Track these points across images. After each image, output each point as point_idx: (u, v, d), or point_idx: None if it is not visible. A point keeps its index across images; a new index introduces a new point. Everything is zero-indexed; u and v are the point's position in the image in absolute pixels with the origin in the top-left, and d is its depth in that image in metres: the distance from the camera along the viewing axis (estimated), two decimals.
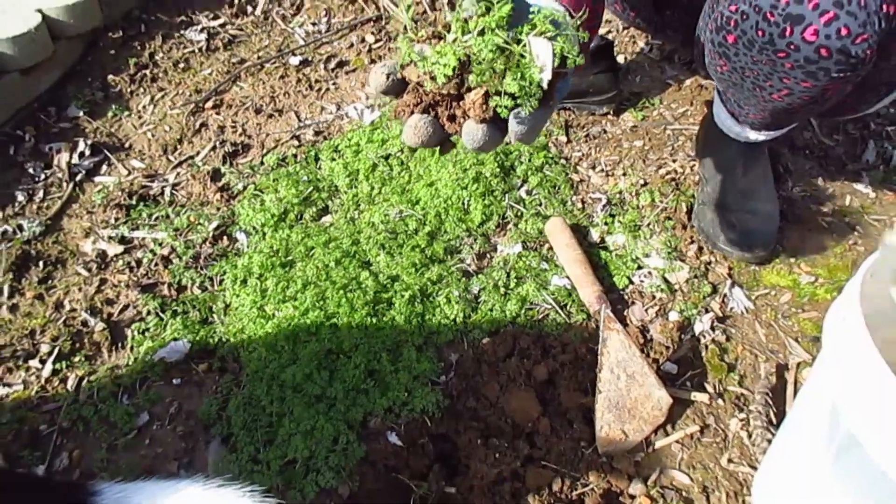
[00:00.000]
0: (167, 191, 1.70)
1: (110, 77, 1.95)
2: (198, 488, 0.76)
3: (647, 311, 1.44)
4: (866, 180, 1.66)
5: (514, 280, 1.48)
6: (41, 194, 1.69)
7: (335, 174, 1.70)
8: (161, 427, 1.30)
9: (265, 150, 1.80)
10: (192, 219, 1.62)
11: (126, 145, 1.82)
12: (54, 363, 1.38)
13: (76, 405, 1.32)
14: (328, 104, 1.92)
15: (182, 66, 2.01)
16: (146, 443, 1.28)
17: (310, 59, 2.05)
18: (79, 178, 1.72)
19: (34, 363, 1.39)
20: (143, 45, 2.03)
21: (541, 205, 1.62)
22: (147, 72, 1.98)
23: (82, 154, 1.77)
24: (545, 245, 1.55)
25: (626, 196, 1.63)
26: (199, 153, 1.79)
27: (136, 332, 1.43)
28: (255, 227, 1.60)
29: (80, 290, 1.50)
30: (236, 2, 2.18)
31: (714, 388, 1.32)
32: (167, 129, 1.85)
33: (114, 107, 1.89)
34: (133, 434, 1.29)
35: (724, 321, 1.42)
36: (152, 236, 1.60)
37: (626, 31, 2.09)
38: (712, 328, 1.40)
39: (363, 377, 1.31)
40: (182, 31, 2.09)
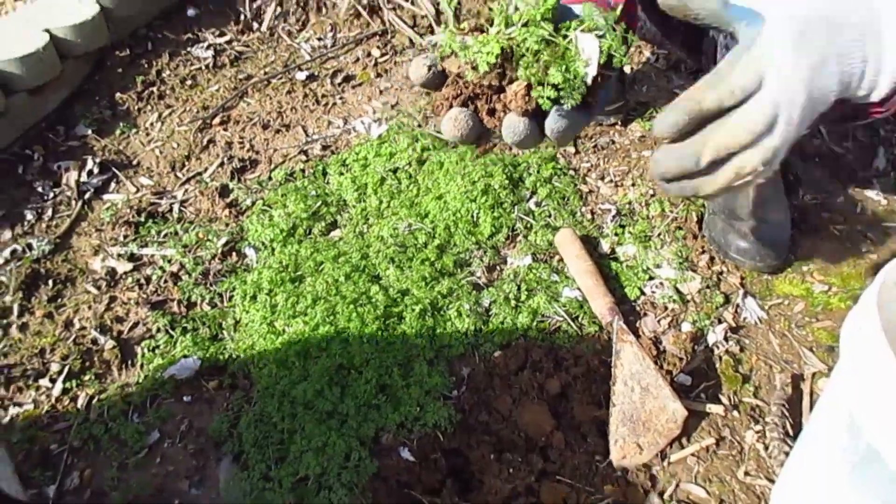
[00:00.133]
0: (175, 207, 1.70)
1: (118, 95, 1.96)
2: None
3: (659, 322, 1.43)
4: (877, 187, 1.65)
5: (525, 292, 1.47)
6: (50, 213, 1.69)
7: (343, 188, 1.70)
8: (172, 445, 1.30)
9: (273, 166, 1.80)
10: (200, 235, 1.62)
11: (134, 163, 1.82)
12: (64, 382, 1.38)
13: (87, 424, 1.32)
14: (335, 118, 1.92)
15: (189, 83, 2.02)
16: (157, 461, 1.28)
17: (316, 73, 2.05)
18: (87, 196, 1.73)
19: (44, 382, 1.39)
20: (151, 63, 2.04)
21: (550, 216, 1.61)
22: (154, 89, 1.99)
23: (91, 172, 1.77)
24: (555, 257, 1.54)
25: (635, 206, 1.63)
26: (206, 169, 1.79)
27: (145, 350, 1.43)
28: (263, 243, 1.60)
29: (90, 308, 1.50)
30: (242, 18, 2.19)
31: (729, 400, 1.30)
32: (175, 145, 1.85)
33: (121, 124, 1.90)
34: (144, 452, 1.28)
35: (737, 331, 1.40)
36: (161, 253, 1.60)
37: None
38: (726, 339, 1.39)
39: (374, 392, 1.31)
40: (189, 49, 2.10)
